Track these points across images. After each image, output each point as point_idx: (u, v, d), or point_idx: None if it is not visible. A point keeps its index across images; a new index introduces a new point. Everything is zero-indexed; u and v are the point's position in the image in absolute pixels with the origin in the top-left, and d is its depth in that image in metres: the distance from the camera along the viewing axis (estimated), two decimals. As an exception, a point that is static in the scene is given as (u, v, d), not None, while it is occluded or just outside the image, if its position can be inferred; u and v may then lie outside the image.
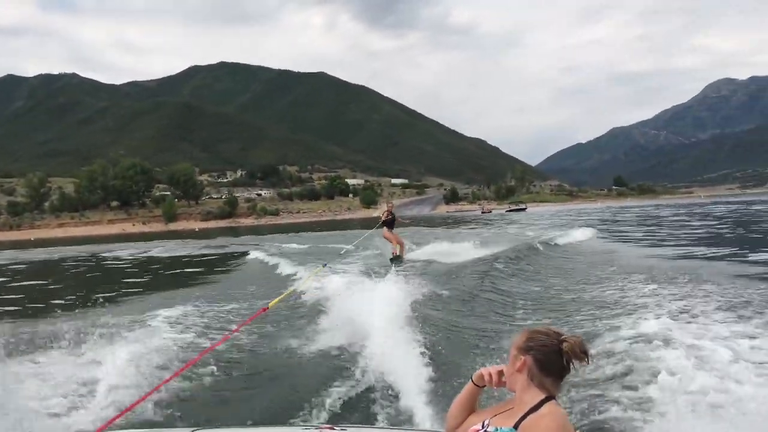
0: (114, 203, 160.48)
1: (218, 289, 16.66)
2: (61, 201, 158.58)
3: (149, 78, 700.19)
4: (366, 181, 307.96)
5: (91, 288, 19.68)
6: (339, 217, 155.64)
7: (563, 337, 2.38)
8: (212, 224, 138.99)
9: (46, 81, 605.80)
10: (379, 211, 18.51)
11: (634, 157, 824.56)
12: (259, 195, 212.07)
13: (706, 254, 19.58)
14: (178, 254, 36.09)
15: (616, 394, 5.73)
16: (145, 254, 38.32)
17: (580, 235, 29.10)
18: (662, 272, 13.78)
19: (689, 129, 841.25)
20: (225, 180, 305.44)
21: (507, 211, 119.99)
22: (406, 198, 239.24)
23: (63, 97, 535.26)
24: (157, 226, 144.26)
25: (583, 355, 2.32)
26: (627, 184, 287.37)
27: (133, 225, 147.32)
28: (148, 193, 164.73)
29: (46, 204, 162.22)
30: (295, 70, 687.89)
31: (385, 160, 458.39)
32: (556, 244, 23.97)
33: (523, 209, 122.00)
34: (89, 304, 13.11)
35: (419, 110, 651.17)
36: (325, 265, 12.10)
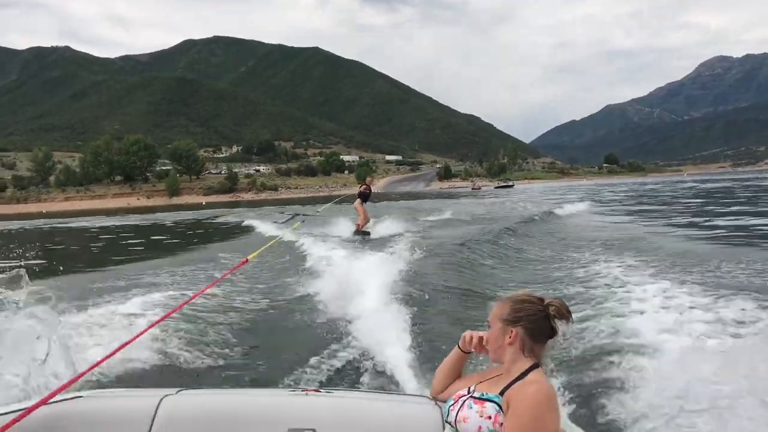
0: (118, 178, 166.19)
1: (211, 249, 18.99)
2: (66, 175, 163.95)
3: (142, 52, 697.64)
4: (360, 157, 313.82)
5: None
6: (335, 193, 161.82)
7: (547, 301, 2.45)
8: (214, 198, 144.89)
9: (38, 54, 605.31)
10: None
11: (627, 134, 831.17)
12: (258, 171, 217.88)
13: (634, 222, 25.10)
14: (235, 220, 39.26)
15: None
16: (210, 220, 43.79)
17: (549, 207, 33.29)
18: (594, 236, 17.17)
19: (683, 107, 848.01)
20: (221, 155, 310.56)
21: (495, 187, 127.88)
22: (400, 174, 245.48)
23: (56, 71, 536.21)
24: (161, 200, 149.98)
25: (568, 314, 2.40)
26: (618, 161, 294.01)
27: (138, 199, 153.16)
28: (150, 168, 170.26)
29: (51, 178, 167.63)
30: (289, 44, 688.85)
31: (379, 136, 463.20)
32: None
33: (511, 186, 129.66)
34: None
35: (412, 86, 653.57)
36: (303, 221, 11.86)
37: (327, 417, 2.55)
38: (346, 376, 5.90)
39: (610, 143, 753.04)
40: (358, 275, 9.15)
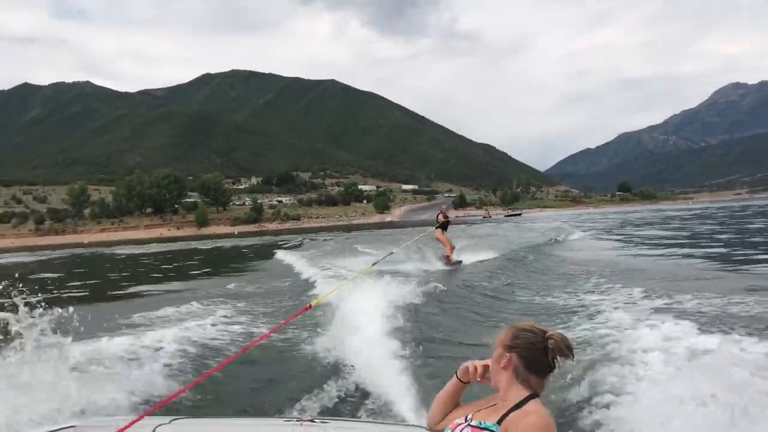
0: (148, 210, 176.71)
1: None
2: (101, 208, 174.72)
3: (161, 86, 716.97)
4: (378, 186, 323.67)
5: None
6: (354, 222, 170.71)
7: (548, 334, 2.39)
8: (241, 228, 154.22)
9: (60, 90, 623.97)
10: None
11: (643, 161, 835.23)
12: (280, 201, 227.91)
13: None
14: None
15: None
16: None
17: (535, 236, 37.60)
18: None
19: (698, 134, 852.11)
20: (241, 186, 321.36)
21: (505, 216, 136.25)
22: (417, 203, 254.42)
23: (78, 106, 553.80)
24: (190, 231, 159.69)
25: (567, 351, 2.35)
26: (630, 189, 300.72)
27: (168, 230, 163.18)
28: (179, 200, 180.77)
29: (86, 211, 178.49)
30: (306, 77, 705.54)
31: (395, 165, 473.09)
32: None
33: (519, 215, 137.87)
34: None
35: (428, 116, 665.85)
36: (374, 264, 12.01)
37: None
38: (343, 406, 5.95)
39: (626, 171, 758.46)
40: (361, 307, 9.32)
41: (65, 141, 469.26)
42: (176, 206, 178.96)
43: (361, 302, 9.44)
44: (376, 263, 11.67)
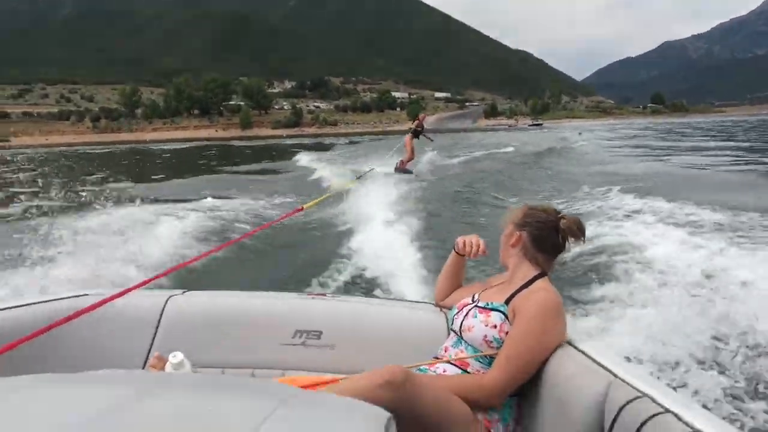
0: (195, 112, 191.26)
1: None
2: (152, 109, 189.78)
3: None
4: (410, 94, 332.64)
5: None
6: (389, 128, 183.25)
7: (561, 214, 2.41)
8: (282, 131, 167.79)
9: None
10: (415, 124, 19.56)
11: (685, 72, 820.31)
12: (318, 107, 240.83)
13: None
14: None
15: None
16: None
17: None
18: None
19: (746, 44, 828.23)
20: (275, 90, 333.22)
21: (529, 125, 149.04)
22: (449, 111, 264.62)
23: (112, 4, 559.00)
24: (235, 132, 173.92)
25: (579, 233, 2.36)
26: (664, 102, 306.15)
27: (216, 131, 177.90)
28: (224, 103, 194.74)
29: (138, 111, 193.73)
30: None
31: (429, 72, 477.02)
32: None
33: (540, 125, 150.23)
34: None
35: (464, 20, 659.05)
36: (358, 178, 12.28)
37: (333, 320, 2.62)
38: (353, 286, 6.12)
39: (667, 82, 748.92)
40: (371, 200, 9.91)
41: (100, 41, 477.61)
42: (221, 108, 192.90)
43: (360, 201, 10.04)
44: (359, 177, 11.97)
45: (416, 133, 19.41)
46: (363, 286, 5.99)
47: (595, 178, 14.87)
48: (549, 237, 2.38)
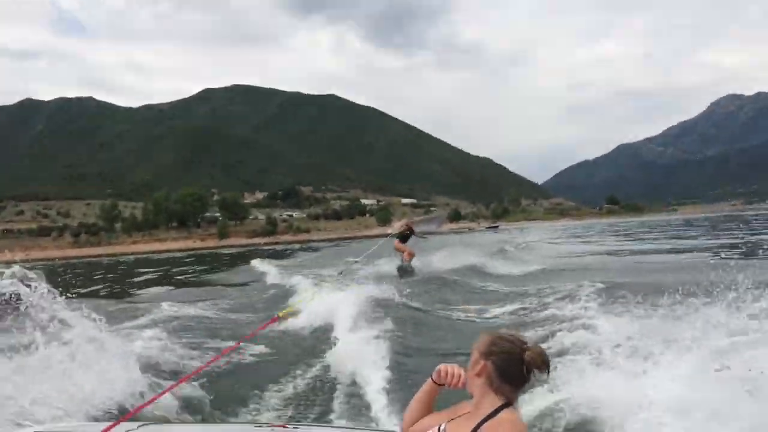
0: (174, 224, 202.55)
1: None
2: (131, 223, 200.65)
3: (163, 101, 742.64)
4: (378, 201, 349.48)
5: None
6: (359, 234, 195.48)
7: (526, 346, 2.41)
8: (258, 240, 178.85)
9: (63, 105, 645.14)
10: (394, 228, 19.96)
11: (641, 173, 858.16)
12: (291, 216, 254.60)
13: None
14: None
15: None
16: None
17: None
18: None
19: (696, 145, 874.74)
20: (247, 201, 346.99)
21: (486, 228, 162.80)
22: (416, 216, 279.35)
23: (82, 121, 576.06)
24: (212, 242, 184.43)
25: (543, 366, 2.37)
26: (618, 202, 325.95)
27: (194, 242, 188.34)
28: (202, 215, 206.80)
29: (117, 225, 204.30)
30: (306, 92, 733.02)
31: (395, 180, 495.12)
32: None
33: (496, 227, 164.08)
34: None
35: (427, 130, 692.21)
36: (341, 273, 12.10)
37: None
38: (317, 407, 6.09)
39: (624, 182, 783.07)
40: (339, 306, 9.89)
41: (71, 157, 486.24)
42: (198, 220, 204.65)
43: (331, 306, 10.06)
44: (341, 272, 11.43)
45: (404, 237, 20.34)
46: (327, 407, 6.02)
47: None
48: (514, 368, 2.41)
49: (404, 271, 19.43)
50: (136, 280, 35.87)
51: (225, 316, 12.76)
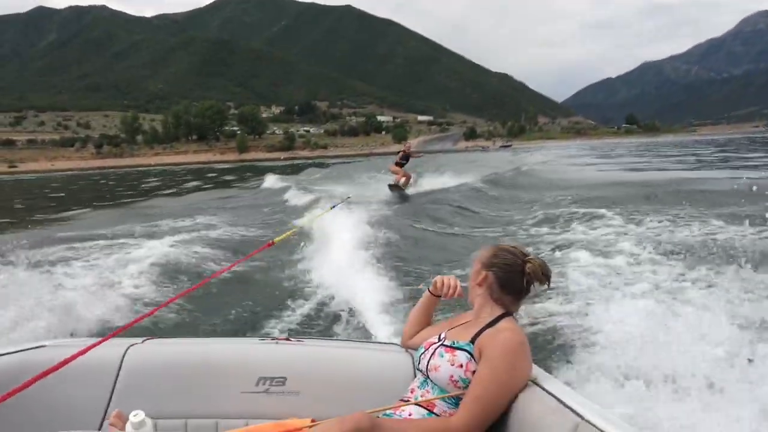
0: (193, 137, 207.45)
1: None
2: (153, 135, 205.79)
3: (176, 11, 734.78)
4: (394, 117, 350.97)
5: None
6: (375, 151, 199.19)
7: (528, 257, 2.45)
8: (277, 155, 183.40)
9: (76, 13, 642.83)
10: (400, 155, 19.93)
11: (664, 92, 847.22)
12: (308, 131, 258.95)
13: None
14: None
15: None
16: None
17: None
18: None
19: (722, 64, 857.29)
20: (263, 115, 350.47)
21: (499, 147, 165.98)
22: (431, 134, 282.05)
23: (95, 31, 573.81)
24: (232, 156, 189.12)
25: (544, 278, 2.41)
26: (638, 122, 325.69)
27: (213, 155, 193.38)
28: (221, 129, 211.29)
29: (139, 137, 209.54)
30: (321, 2, 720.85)
31: (411, 96, 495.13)
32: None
33: (509, 146, 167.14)
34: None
35: (445, 44, 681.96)
36: (332, 207, 11.34)
37: (297, 365, 2.63)
38: (318, 326, 6.13)
39: (646, 101, 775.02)
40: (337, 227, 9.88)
41: (85, 67, 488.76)
42: (218, 134, 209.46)
43: (328, 231, 9.98)
44: (334, 207, 11.38)
45: (404, 159, 20.25)
46: (328, 326, 6.15)
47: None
48: (514, 279, 2.43)
49: (398, 190, 19.62)
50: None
51: (228, 235, 12.89)
